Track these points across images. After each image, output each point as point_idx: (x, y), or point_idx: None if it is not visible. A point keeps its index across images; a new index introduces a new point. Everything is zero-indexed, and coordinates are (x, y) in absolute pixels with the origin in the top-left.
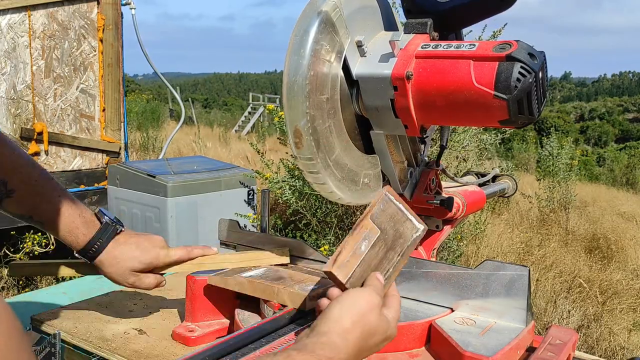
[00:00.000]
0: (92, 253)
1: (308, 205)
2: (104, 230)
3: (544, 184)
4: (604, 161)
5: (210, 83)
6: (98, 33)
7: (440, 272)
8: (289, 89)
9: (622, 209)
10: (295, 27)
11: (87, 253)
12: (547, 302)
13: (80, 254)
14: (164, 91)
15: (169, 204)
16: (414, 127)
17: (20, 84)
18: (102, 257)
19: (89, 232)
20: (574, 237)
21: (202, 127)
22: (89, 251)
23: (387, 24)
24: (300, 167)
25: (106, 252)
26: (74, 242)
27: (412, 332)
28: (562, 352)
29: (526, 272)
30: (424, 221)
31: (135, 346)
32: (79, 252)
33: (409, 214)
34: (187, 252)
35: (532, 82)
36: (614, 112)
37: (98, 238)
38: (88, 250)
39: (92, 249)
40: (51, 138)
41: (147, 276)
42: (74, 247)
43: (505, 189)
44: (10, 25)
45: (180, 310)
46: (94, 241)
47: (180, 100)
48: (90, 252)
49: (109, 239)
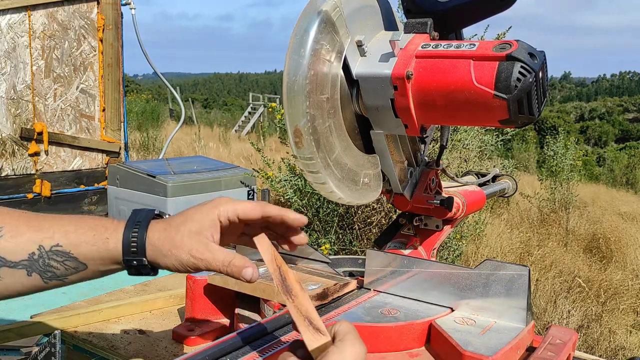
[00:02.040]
0: (135, 249)
1: (310, 204)
2: (133, 217)
3: (545, 184)
4: (604, 161)
5: (210, 83)
6: (98, 33)
7: (440, 272)
8: (289, 89)
9: (622, 209)
10: (295, 26)
11: (130, 255)
12: (547, 302)
13: (127, 262)
14: (164, 91)
15: (169, 204)
16: (414, 126)
17: (20, 84)
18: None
19: (116, 229)
20: (574, 237)
21: (202, 127)
22: (131, 250)
23: (387, 24)
24: (301, 167)
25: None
26: (105, 252)
27: (412, 331)
28: (562, 352)
29: (526, 271)
30: (424, 221)
31: (135, 346)
32: (124, 262)
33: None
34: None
35: (532, 82)
36: (614, 112)
37: (131, 227)
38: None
39: (132, 244)
40: (51, 138)
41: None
42: (110, 258)
43: (505, 189)
44: (10, 25)
45: (180, 310)
46: (127, 234)
47: (180, 100)
48: (132, 250)
49: (145, 221)
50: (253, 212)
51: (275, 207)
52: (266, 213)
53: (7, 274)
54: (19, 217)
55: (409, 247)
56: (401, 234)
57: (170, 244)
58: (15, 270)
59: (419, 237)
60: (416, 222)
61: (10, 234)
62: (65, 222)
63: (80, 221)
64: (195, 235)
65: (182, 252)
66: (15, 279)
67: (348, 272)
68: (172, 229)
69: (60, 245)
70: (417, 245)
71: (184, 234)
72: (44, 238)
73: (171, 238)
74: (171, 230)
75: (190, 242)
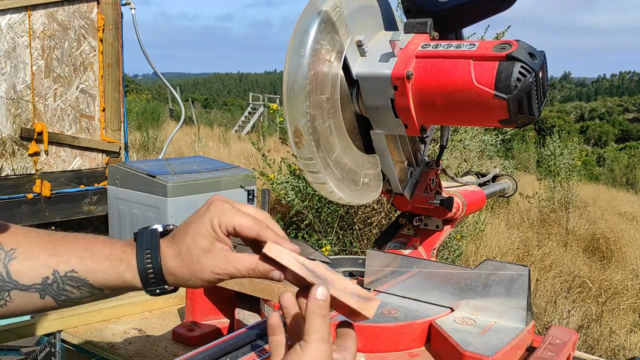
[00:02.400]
0: (154, 280)
1: (310, 206)
2: (140, 243)
3: (545, 184)
4: (604, 161)
5: (210, 83)
6: (98, 33)
7: (440, 271)
8: (289, 89)
9: (622, 209)
10: (295, 26)
11: (151, 285)
12: (547, 302)
13: (149, 292)
14: (164, 91)
15: (169, 204)
16: (414, 126)
17: (20, 84)
18: (170, 275)
19: (130, 262)
20: (573, 237)
21: (202, 127)
22: (150, 282)
23: (387, 24)
24: (301, 167)
25: (167, 268)
26: (123, 283)
27: (412, 331)
28: (562, 352)
29: (526, 271)
30: (424, 221)
31: (135, 346)
32: (147, 292)
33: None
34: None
35: (532, 82)
36: (613, 112)
37: (142, 256)
38: (149, 282)
39: (150, 276)
40: (51, 138)
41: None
42: (129, 287)
43: (505, 189)
44: (10, 25)
45: (180, 310)
46: (142, 266)
47: (180, 100)
48: (152, 282)
49: (155, 246)
50: (250, 232)
51: (272, 233)
52: (261, 237)
53: (18, 296)
54: (33, 239)
55: (409, 247)
56: (401, 234)
57: (189, 270)
58: (28, 293)
59: (419, 237)
60: (416, 222)
61: (24, 256)
62: (80, 247)
63: (95, 247)
64: (211, 253)
65: (204, 273)
66: (27, 301)
67: (348, 272)
68: (184, 253)
69: (76, 271)
70: (417, 245)
71: (200, 256)
72: (58, 263)
73: (188, 264)
74: (185, 255)
75: (208, 262)
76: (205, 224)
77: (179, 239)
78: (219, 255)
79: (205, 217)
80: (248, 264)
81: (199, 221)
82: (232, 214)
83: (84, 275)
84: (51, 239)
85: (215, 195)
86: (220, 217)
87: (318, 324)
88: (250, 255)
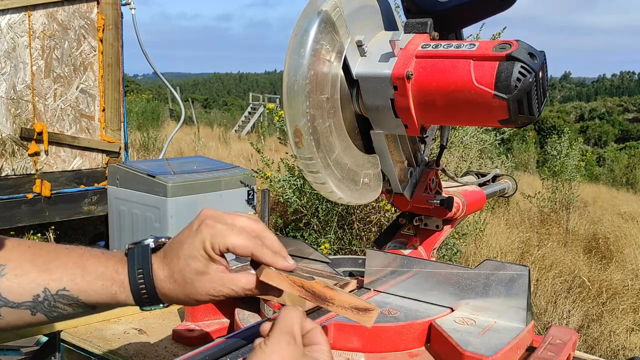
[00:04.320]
0: (149, 301)
1: (309, 204)
2: (132, 262)
3: (547, 184)
4: (604, 161)
5: (210, 83)
6: (98, 33)
7: (440, 271)
8: (289, 89)
9: (622, 209)
10: (295, 26)
11: (147, 306)
12: (547, 302)
13: (138, 302)
14: (164, 91)
15: (168, 204)
16: (414, 126)
17: (20, 84)
18: (164, 296)
19: (122, 283)
20: (574, 237)
21: (202, 127)
22: (145, 303)
23: (387, 24)
24: (300, 167)
25: (161, 290)
26: (117, 303)
27: (412, 331)
28: (562, 352)
29: (526, 271)
30: (424, 221)
31: (135, 346)
32: (137, 304)
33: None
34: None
35: (532, 82)
36: (613, 112)
37: (134, 277)
38: (144, 303)
39: (144, 297)
40: (51, 138)
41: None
42: (123, 304)
43: (505, 189)
44: (10, 25)
45: (180, 310)
46: (135, 289)
47: (180, 100)
48: (146, 302)
49: (147, 267)
50: (244, 251)
51: (267, 252)
52: (256, 257)
53: (8, 314)
54: (23, 253)
55: (409, 247)
56: (401, 234)
57: (183, 293)
58: (18, 310)
59: (419, 237)
60: (416, 222)
61: (13, 273)
62: (72, 264)
63: (87, 264)
64: (205, 276)
65: (199, 296)
66: (18, 317)
67: (348, 272)
68: (177, 275)
69: (68, 289)
70: (417, 245)
71: (193, 279)
72: (50, 281)
73: (182, 287)
74: (178, 278)
75: (203, 285)
76: (197, 247)
77: (171, 259)
78: (214, 277)
79: (197, 239)
80: (244, 284)
81: (190, 243)
82: (224, 233)
83: (76, 294)
84: (42, 252)
85: (206, 210)
86: (212, 238)
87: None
88: (246, 275)
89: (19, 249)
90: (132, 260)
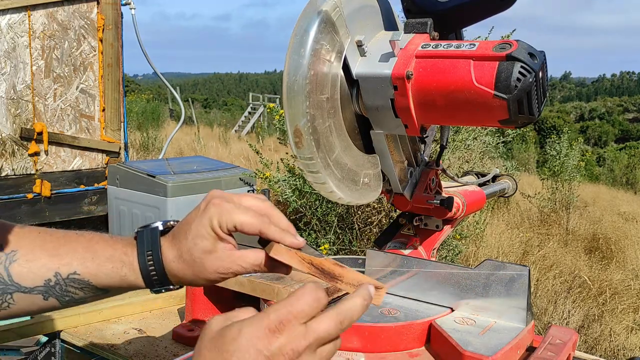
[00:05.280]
0: (159, 282)
1: (308, 204)
2: (141, 244)
3: (547, 184)
4: (604, 161)
5: (210, 83)
6: (98, 33)
7: (440, 272)
8: (289, 89)
9: (622, 209)
10: (295, 26)
11: (156, 287)
12: (547, 302)
13: (155, 292)
14: (164, 91)
15: (169, 204)
16: (414, 126)
17: (20, 84)
18: (173, 276)
19: (132, 264)
20: (574, 237)
21: (202, 127)
22: (155, 284)
23: (387, 24)
24: (300, 167)
25: (170, 270)
26: (127, 285)
27: (412, 331)
28: (562, 352)
29: (526, 271)
30: (424, 221)
31: (135, 346)
32: (152, 292)
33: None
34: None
35: (532, 82)
36: (613, 112)
37: (144, 258)
38: (153, 284)
39: (154, 279)
40: (51, 138)
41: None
42: (133, 287)
43: (505, 189)
44: (10, 25)
45: (180, 310)
46: (145, 270)
47: (180, 100)
48: (156, 283)
49: (156, 248)
50: (251, 229)
51: (274, 229)
52: (264, 234)
53: (21, 299)
54: (34, 239)
55: (409, 247)
56: (401, 234)
57: (192, 272)
58: (30, 295)
59: (419, 237)
60: (416, 222)
61: (24, 258)
62: (82, 248)
63: (96, 247)
64: (213, 254)
65: (208, 274)
66: (31, 302)
67: None
68: (186, 255)
69: (78, 273)
70: (417, 245)
71: (202, 258)
72: (60, 265)
73: (191, 267)
74: (186, 258)
75: (212, 263)
76: (204, 225)
77: (179, 240)
78: (222, 255)
79: (205, 218)
80: (253, 261)
81: (198, 222)
82: (231, 212)
83: (87, 277)
84: (52, 238)
85: (214, 191)
86: (220, 217)
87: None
88: (254, 251)
89: (29, 235)
90: (142, 242)
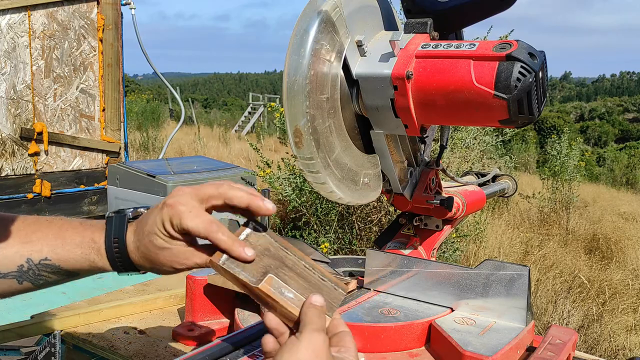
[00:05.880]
0: (126, 269)
1: (308, 203)
2: (109, 231)
3: (547, 184)
4: (604, 161)
5: (210, 83)
6: (98, 33)
7: (440, 271)
8: (289, 89)
9: (622, 209)
10: (295, 26)
11: (124, 272)
12: (547, 302)
13: (114, 268)
14: (164, 91)
15: None
16: (414, 126)
17: (20, 84)
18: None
19: (99, 250)
20: (574, 237)
21: (202, 127)
22: (122, 270)
23: (387, 24)
24: (300, 167)
25: (136, 260)
26: (96, 269)
27: (412, 331)
28: (562, 352)
29: (526, 271)
30: (424, 221)
31: (135, 346)
32: (115, 270)
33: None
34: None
35: (532, 82)
36: (613, 112)
37: (111, 246)
38: (121, 270)
39: (120, 265)
40: (51, 138)
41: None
42: (103, 270)
43: (505, 189)
44: (10, 25)
45: (180, 310)
46: (111, 257)
47: (180, 100)
48: (123, 269)
49: (121, 238)
50: (200, 234)
51: (223, 240)
52: (212, 242)
53: None
54: (6, 226)
55: (409, 247)
56: (401, 233)
57: (149, 263)
58: (6, 280)
59: (419, 237)
60: (416, 222)
61: None
62: (52, 235)
63: (66, 234)
64: (167, 250)
65: (164, 267)
66: (7, 286)
67: (348, 272)
68: (143, 247)
69: (49, 259)
70: (417, 245)
71: (157, 252)
72: (32, 251)
73: (147, 258)
74: (143, 250)
75: (166, 258)
76: (158, 225)
77: (139, 232)
78: (175, 252)
79: (159, 217)
80: (204, 262)
81: (153, 220)
82: (182, 216)
83: (57, 262)
84: (24, 225)
85: (176, 190)
86: (171, 219)
87: (313, 315)
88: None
89: (2, 223)
90: (110, 228)
